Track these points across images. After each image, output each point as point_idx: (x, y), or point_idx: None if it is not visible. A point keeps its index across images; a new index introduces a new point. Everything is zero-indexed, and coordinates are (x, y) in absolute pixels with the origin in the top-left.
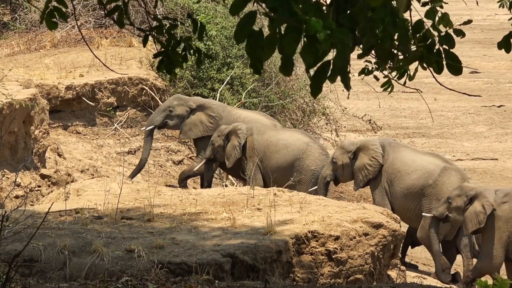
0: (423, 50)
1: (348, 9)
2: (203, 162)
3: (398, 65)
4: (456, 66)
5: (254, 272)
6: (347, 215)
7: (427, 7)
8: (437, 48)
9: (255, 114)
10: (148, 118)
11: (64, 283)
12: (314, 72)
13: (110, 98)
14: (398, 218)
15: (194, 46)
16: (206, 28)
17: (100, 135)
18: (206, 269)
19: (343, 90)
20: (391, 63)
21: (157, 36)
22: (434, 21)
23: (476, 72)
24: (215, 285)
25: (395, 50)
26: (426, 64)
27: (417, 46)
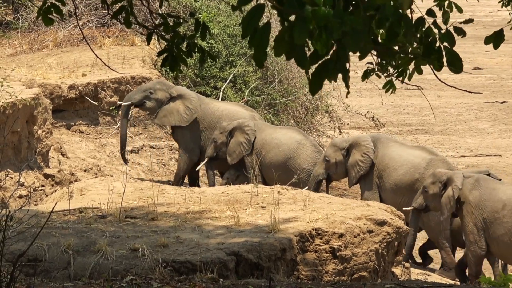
0: (423, 47)
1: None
2: (205, 161)
3: (398, 63)
4: (456, 64)
5: (258, 270)
6: (351, 213)
7: (433, 4)
8: (437, 45)
9: (234, 105)
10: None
11: (68, 283)
12: (314, 69)
13: (113, 97)
14: (402, 215)
15: (198, 45)
16: (209, 27)
17: (103, 134)
18: (210, 267)
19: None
20: (393, 62)
21: (161, 33)
22: (444, 8)
23: (479, 68)
24: (220, 283)
25: (396, 47)
26: (427, 62)
27: (418, 44)
